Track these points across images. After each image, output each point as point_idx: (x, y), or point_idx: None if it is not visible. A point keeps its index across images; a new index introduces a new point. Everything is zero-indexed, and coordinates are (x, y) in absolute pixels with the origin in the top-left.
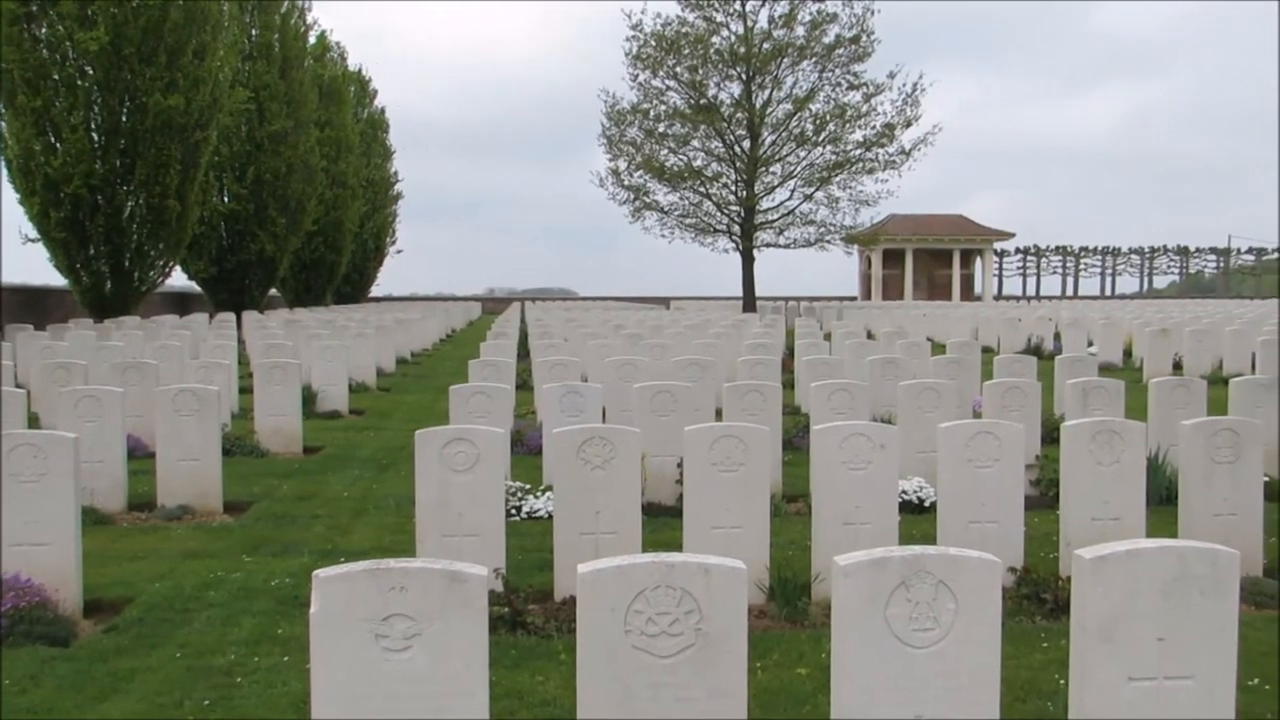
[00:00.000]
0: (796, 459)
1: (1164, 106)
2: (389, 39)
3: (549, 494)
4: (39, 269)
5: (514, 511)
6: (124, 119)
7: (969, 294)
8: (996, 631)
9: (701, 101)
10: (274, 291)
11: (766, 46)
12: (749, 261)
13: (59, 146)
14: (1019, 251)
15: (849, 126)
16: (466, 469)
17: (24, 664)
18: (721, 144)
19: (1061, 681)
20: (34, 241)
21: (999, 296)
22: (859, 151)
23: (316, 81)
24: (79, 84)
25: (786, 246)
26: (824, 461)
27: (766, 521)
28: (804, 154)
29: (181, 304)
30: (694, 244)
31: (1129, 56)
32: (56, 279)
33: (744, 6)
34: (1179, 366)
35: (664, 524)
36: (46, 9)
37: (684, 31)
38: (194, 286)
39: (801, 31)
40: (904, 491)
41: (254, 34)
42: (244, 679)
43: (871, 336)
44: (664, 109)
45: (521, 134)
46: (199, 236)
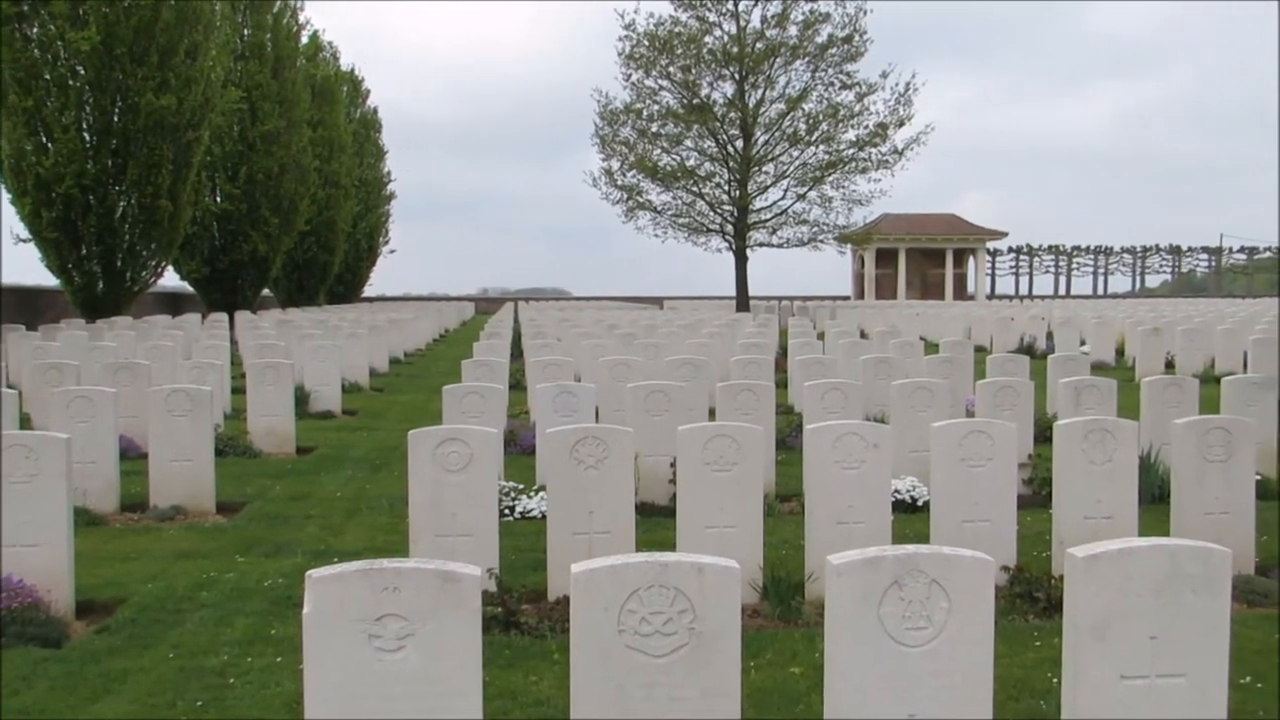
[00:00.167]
0: (790, 458)
1: (1158, 106)
2: (382, 38)
3: (542, 494)
4: (31, 269)
5: (507, 511)
6: (116, 119)
7: (962, 293)
8: (989, 630)
9: (694, 101)
10: (267, 292)
11: (759, 46)
12: (742, 261)
13: (50, 146)
14: (1012, 251)
15: (842, 126)
16: (460, 469)
17: (16, 665)
18: (714, 144)
19: (1054, 680)
20: (26, 242)
21: (992, 296)
22: (852, 151)
23: (309, 81)
24: (70, 84)
25: (780, 246)
26: (817, 461)
27: (760, 521)
28: (797, 153)
29: (174, 304)
30: (687, 244)
31: (1122, 56)
32: (48, 279)
33: (737, 6)
34: (1171, 365)
35: (657, 524)
36: (38, 8)
37: (677, 31)
38: (186, 287)
39: (794, 31)
40: (897, 491)
41: (246, 34)
42: (237, 680)
43: (864, 336)
44: (657, 109)
45: (515, 134)
46: (191, 236)
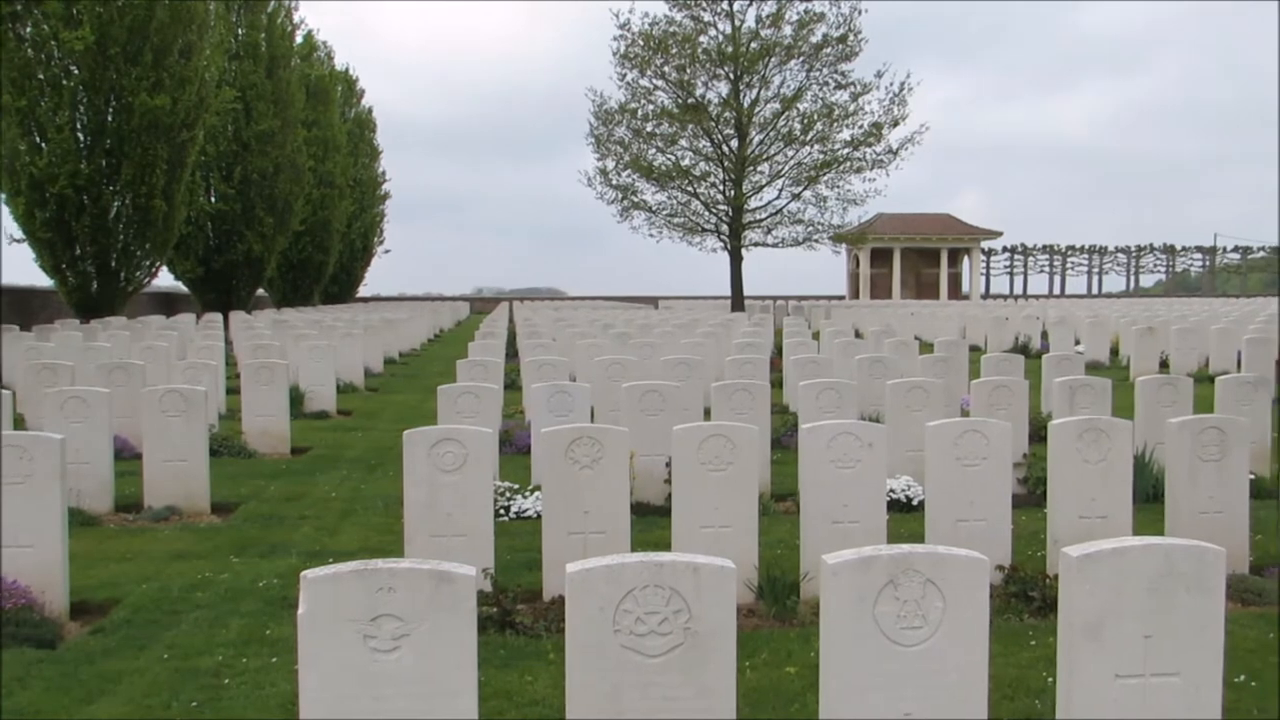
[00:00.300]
0: (785, 458)
1: (1152, 104)
2: (377, 38)
3: (537, 494)
4: (24, 269)
5: (502, 511)
6: (110, 119)
7: (956, 293)
8: (984, 629)
9: (689, 101)
10: (261, 292)
11: (754, 46)
12: (737, 261)
13: (44, 146)
14: (1006, 250)
15: (836, 126)
16: (455, 469)
17: (10, 666)
18: (709, 143)
19: (1049, 679)
20: (20, 242)
21: (986, 295)
22: (846, 151)
23: (303, 81)
24: (64, 83)
25: (774, 246)
26: (812, 460)
27: (755, 520)
28: (792, 153)
29: (168, 304)
30: (682, 243)
31: (1116, 54)
32: (43, 279)
33: (731, 6)
34: (1165, 365)
35: (652, 523)
36: (31, 8)
37: (672, 31)
38: (181, 287)
39: (789, 31)
40: (892, 490)
41: (240, 33)
42: (232, 680)
43: (859, 335)
44: (652, 108)
45: (510, 134)
46: (186, 236)
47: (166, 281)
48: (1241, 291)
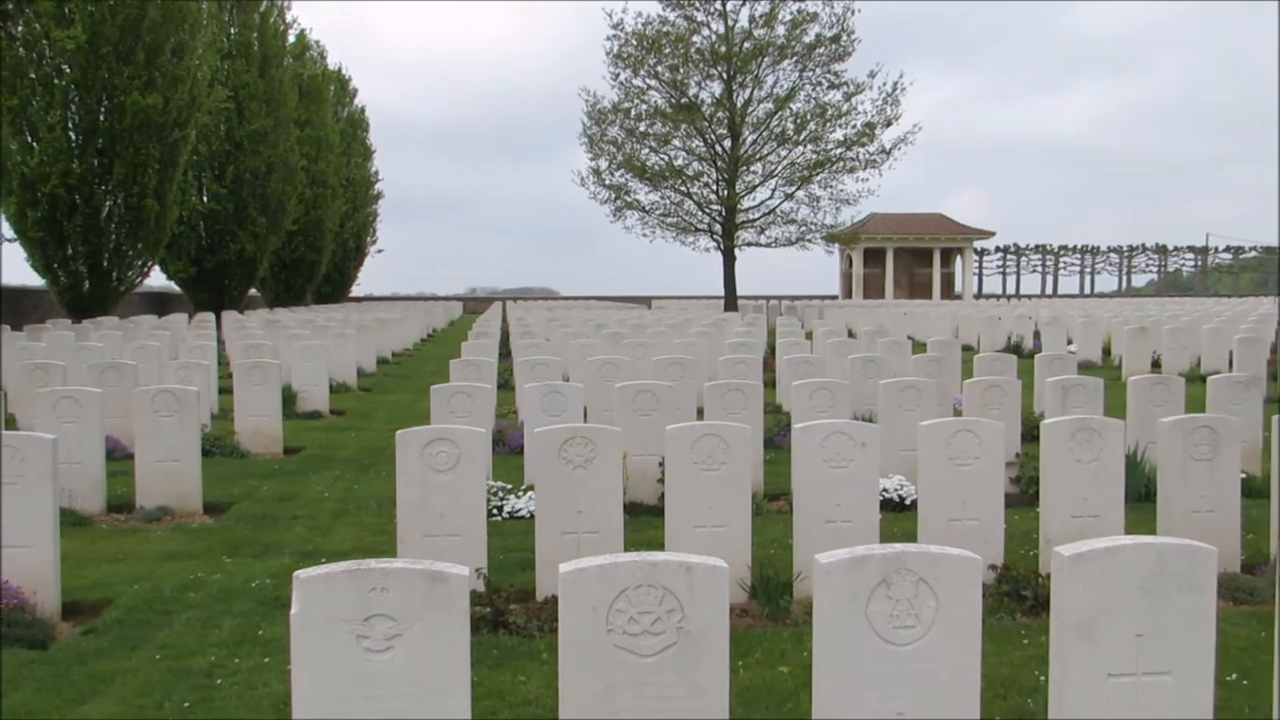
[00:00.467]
0: (778, 458)
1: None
2: (376, 38)
3: (530, 494)
4: (16, 269)
5: (495, 511)
6: (102, 118)
7: (949, 293)
8: (977, 628)
9: (682, 100)
10: (254, 291)
11: (747, 46)
12: (730, 260)
13: (36, 145)
14: (999, 250)
15: (829, 125)
16: (448, 469)
17: (2, 667)
18: (702, 143)
19: (1041, 678)
20: (11, 241)
21: (979, 295)
22: (839, 150)
23: (296, 80)
24: (56, 82)
25: (768, 245)
26: (805, 460)
27: (748, 520)
28: (785, 153)
29: (160, 304)
30: (675, 243)
31: (1110, 55)
32: (34, 279)
33: (725, 6)
34: (1157, 364)
35: (646, 523)
36: (23, 7)
37: (665, 30)
38: (173, 286)
39: (782, 31)
40: (885, 490)
41: (233, 32)
42: (224, 680)
43: (852, 335)
44: (645, 108)
45: (503, 133)
46: (178, 236)
47: (159, 281)
48: (1233, 291)
